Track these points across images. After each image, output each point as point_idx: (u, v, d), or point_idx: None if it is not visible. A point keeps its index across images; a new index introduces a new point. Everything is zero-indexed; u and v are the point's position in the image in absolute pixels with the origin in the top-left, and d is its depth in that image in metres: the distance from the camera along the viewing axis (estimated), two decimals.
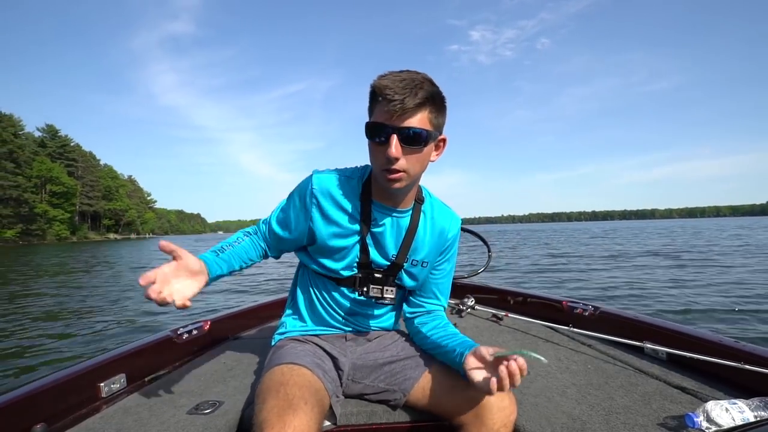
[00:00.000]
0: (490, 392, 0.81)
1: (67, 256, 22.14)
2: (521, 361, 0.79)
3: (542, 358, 0.77)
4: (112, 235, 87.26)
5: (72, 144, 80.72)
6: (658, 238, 23.42)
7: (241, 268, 1.06)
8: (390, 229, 1.04)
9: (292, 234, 1.07)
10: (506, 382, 0.78)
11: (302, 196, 1.02)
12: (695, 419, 0.92)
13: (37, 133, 75.82)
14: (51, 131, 77.85)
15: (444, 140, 0.98)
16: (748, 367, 1.12)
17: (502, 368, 0.79)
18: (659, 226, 57.18)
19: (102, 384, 1.24)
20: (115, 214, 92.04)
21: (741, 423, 0.89)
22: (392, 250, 1.05)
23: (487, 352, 0.84)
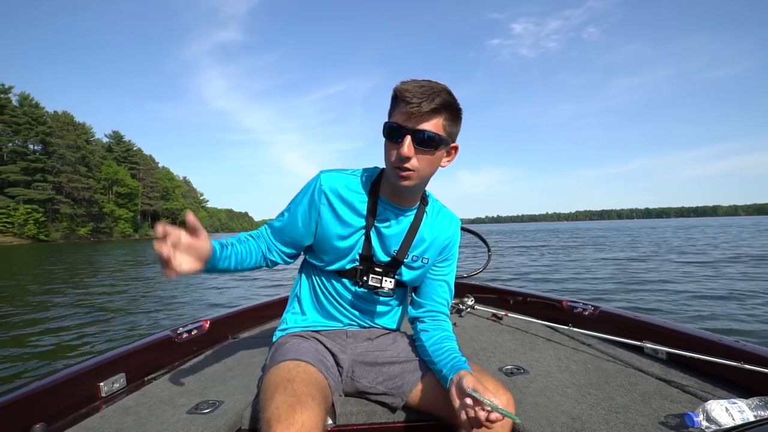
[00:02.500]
0: (462, 426, 0.82)
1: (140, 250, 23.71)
2: (493, 416, 0.77)
3: (516, 419, 0.77)
4: None
5: (135, 148, 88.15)
6: (751, 236, 20.82)
7: (236, 270, 1.04)
8: (394, 225, 1.07)
9: (300, 234, 1.08)
10: (473, 426, 0.79)
11: (310, 195, 1.04)
12: (695, 419, 0.93)
13: (105, 139, 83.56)
14: (117, 137, 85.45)
15: (456, 148, 1.02)
16: (747, 366, 1.12)
17: (471, 413, 0.79)
18: (736, 224, 51.88)
19: (102, 383, 1.24)
20: (172, 213, 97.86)
21: (741, 422, 0.89)
22: (394, 246, 1.08)
23: (467, 385, 0.83)
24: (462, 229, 3.02)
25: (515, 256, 13.38)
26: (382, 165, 1.06)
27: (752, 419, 0.89)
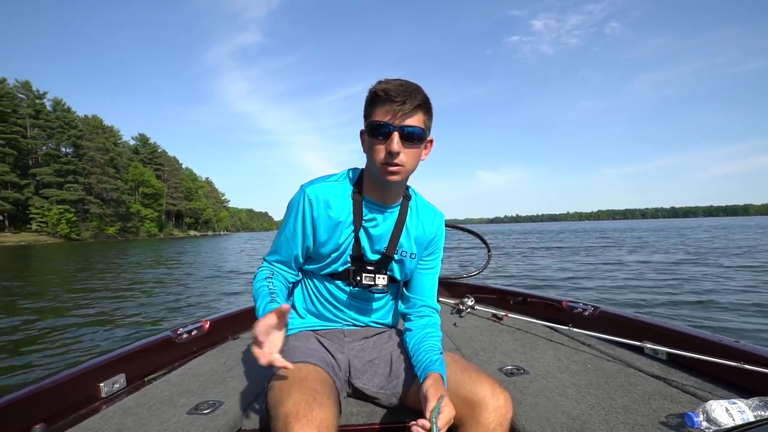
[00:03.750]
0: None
1: (169, 248, 24.33)
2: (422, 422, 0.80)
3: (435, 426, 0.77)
4: (192, 232, 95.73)
5: (159, 150, 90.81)
6: None
7: None
8: (381, 223, 1.09)
9: (302, 251, 1.10)
10: None
11: (301, 210, 1.06)
12: (695, 419, 0.92)
13: (132, 142, 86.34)
14: (143, 139, 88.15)
15: (431, 141, 1.06)
16: (747, 366, 1.11)
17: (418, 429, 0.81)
18: None
19: (102, 384, 1.24)
20: (195, 212, 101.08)
21: (741, 423, 0.88)
22: (383, 243, 1.11)
23: (430, 403, 0.84)
24: (462, 229, 2.98)
25: (542, 259, 12.43)
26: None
27: (752, 419, 0.88)
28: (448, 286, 2.72)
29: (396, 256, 1.12)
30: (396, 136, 0.93)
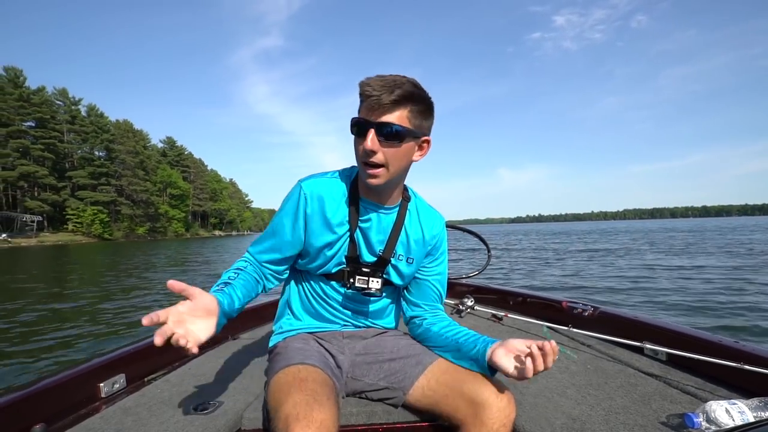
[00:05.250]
0: (522, 376, 0.86)
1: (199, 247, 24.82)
2: (554, 343, 0.83)
3: (573, 356, 0.80)
4: (217, 232, 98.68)
5: (186, 152, 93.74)
6: None
7: (243, 305, 1.00)
8: (377, 225, 1.06)
9: (290, 247, 1.06)
10: (539, 361, 0.83)
11: (295, 204, 1.03)
12: (695, 419, 0.91)
13: (160, 144, 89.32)
14: (170, 142, 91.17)
15: (428, 141, 1.00)
16: (747, 367, 1.09)
17: (535, 348, 0.83)
18: None
19: (102, 384, 1.23)
20: (219, 213, 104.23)
21: (741, 423, 0.87)
22: (379, 246, 1.07)
23: (522, 344, 0.87)
24: (462, 229, 2.95)
25: (577, 262, 11.22)
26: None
27: (752, 420, 0.87)
28: (447, 287, 2.69)
29: (393, 260, 1.08)
30: (371, 133, 0.89)
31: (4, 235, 45.50)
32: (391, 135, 0.90)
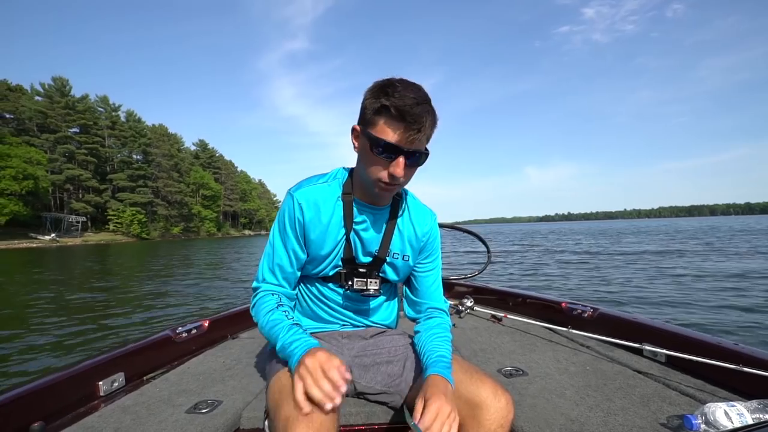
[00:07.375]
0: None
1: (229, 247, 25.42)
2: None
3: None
4: (247, 232, 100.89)
5: (217, 155, 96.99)
6: None
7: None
8: (371, 225, 1.07)
9: (299, 259, 1.07)
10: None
11: (290, 216, 1.04)
12: (694, 421, 0.89)
13: (193, 147, 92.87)
14: (202, 145, 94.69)
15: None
16: (746, 369, 1.06)
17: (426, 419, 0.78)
18: None
19: (101, 382, 1.23)
20: (249, 213, 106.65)
21: (740, 425, 0.85)
22: (374, 245, 1.08)
23: (416, 412, 0.81)
24: (460, 230, 2.94)
25: (623, 268, 9.10)
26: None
27: (751, 422, 0.84)
28: (447, 287, 2.68)
29: (388, 258, 1.09)
30: (402, 160, 0.89)
31: (53, 234, 48.59)
32: (418, 160, 0.93)
